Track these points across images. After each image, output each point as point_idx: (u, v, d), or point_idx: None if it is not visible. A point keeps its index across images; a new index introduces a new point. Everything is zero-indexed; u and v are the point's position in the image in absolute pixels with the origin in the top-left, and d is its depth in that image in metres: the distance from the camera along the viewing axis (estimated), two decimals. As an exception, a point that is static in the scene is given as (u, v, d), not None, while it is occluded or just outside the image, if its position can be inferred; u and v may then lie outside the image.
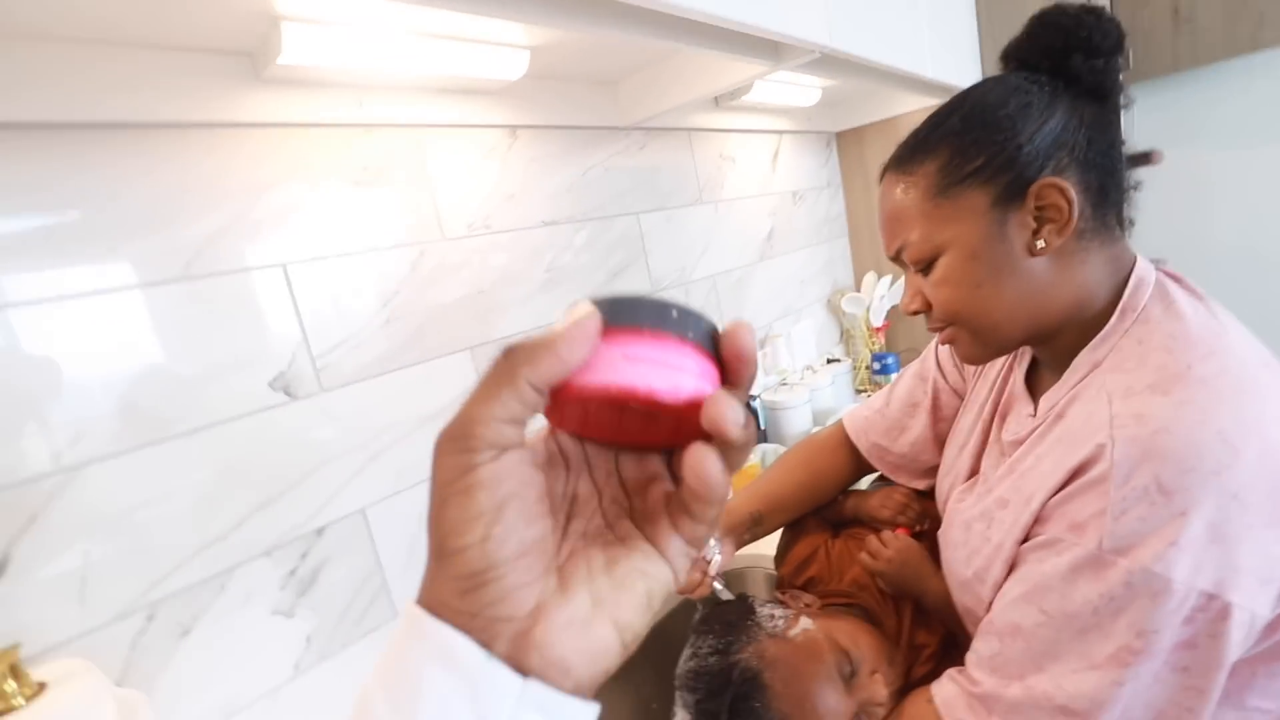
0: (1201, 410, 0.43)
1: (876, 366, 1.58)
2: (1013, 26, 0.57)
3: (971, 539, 0.57)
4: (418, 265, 0.81)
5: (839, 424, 0.85)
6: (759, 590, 0.90)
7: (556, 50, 0.82)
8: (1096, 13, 0.54)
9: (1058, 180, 0.50)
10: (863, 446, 0.80)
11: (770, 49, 0.85)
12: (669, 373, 0.21)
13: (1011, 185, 0.51)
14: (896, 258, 0.58)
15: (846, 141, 1.73)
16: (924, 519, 0.74)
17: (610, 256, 1.06)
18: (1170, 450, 0.43)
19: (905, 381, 0.80)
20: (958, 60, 1.41)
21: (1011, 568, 0.52)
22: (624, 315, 0.21)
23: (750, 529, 0.77)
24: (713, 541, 0.65)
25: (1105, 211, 0.53)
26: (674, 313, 0.22)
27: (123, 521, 0.59)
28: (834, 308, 1.71)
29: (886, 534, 0.70)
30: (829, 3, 0.83)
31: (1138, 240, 0.58)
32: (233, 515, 0.65)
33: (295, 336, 0.70)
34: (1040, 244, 0.51)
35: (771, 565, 0.82)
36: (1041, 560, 0.48)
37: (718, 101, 1.27)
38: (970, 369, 0.72)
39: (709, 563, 0.65)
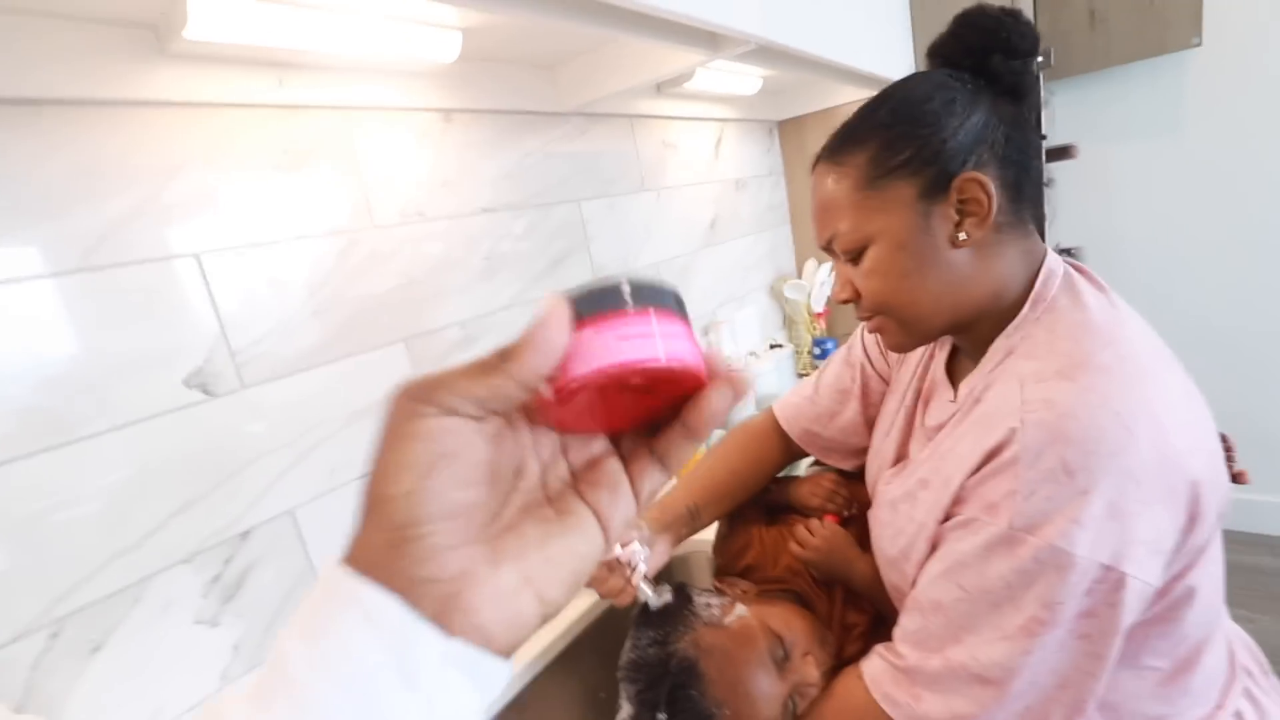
0: (1102, 395, 0.47)
1: (817, 352, 1.63)
2: (942, 24, 0.59)
3: (897, 519, 0.59)
4: (347, 254, 0.77)
5: (769, 411, 0.87)
6: (704, 576, 0.92)
7: (492, 32, 0.80)
8: (1015, 15, 0.56)
9: (978, 175, 0.53)
10: (794, 433, 0.82)
11: (707, 39, 0.85)
12: (667, 341, 0.23)
13: (937, 178, 0.53)
14: (828, 247, 0.60)
15: (788, 130, 1.75)
16: (851, 504, 0.77)
17: (551, 244, 1.05)
18: (1074, 433, 0.46)
19: (833, 368, 0.82)
20: (891, 54, 1.44)
21: (934, 546, 0.55)
22: (604, 302, 0.23)
23: (688, 523, 0.77)
24: (637, 545, 0.66)
25: (1021, 206, 0.56)
26: (646, 287, 0.24)
27: (21, 533, 0.54)
28: (776, 294, 1.74)
29: (814, 522, 0.72)
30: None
31: (1058, 229, 0.62)
32: (147, 521, 0.62)
33: (212, 330, 0.66)
34: (962, 236, 0.54)
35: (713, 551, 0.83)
36: (960, 539, 0.51)
37: (659, 88, 1.26)
38: (894, 356, 0.75)
39: (632, 569, 0.65)
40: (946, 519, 0.53)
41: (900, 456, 0.67)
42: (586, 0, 0.65)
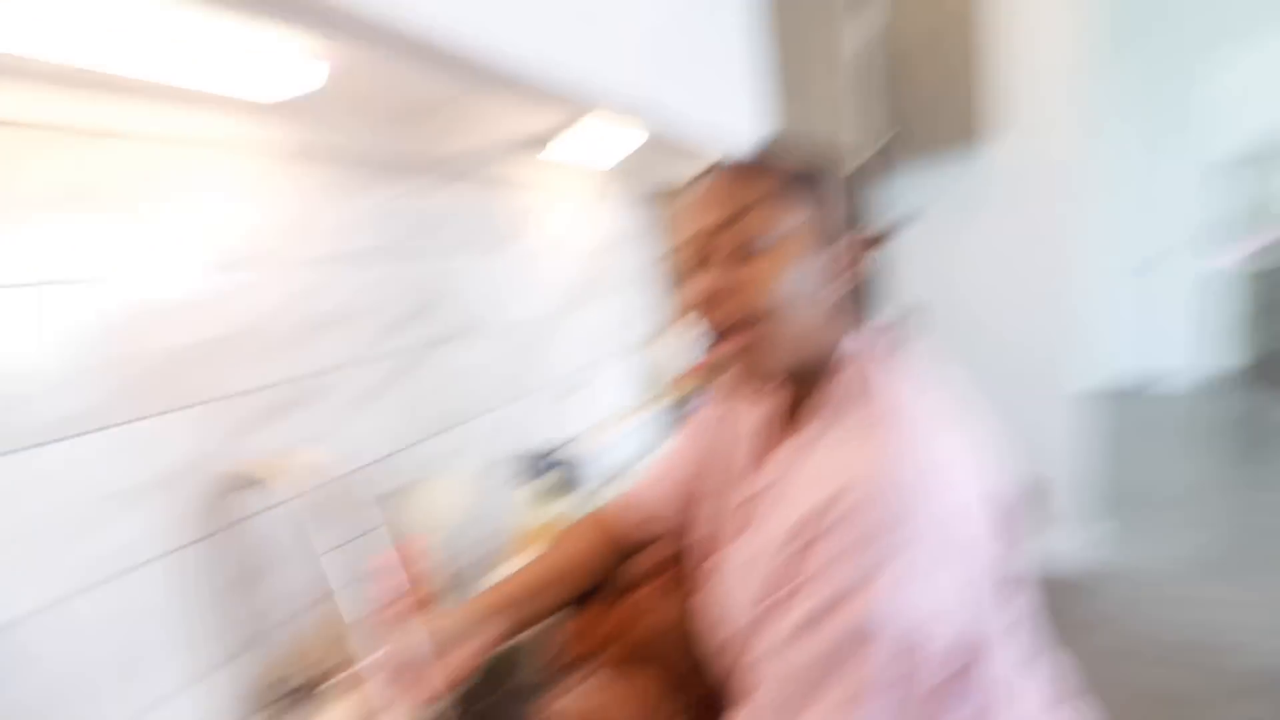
0: (897, 455, 0.50)
1: (680, 415, 1.65)
2: (794, 121, 0.65)
3: (728, 597, 0.59)
4: (144, 302, 0.66)
5: (604, 507, 0.87)
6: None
7: (347, 76, 0.74)
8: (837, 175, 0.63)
9: (855, 242, 0.59)
10: (620, 527, 0.82)
11: (572, 105, 0.85)
12: None
13: (832, 226, 0.58)
14: (727, 225, 0.57)
15: (662, 198, 1.81)
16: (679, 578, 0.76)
17: (401, 301, 0.97)
18: (878, 495, 0.48)
19: (658, 459, 0.84)
20: (750, 135, 1.55)
21: (759, 626, 0.54)
22: None
23: (501, 625, 0.71)
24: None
25: (859, 287, 0.62)
26: None
27: None
28: (645, 355, 1.75)
29: (645, 594, 0.70)
30: (623, 61, 0.85)
31: (898, 292, 0.67)
32: None
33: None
34: (837, 285, 0.58)
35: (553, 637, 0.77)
36: (799, 605, 0.51)
37: (526, 148, 1.25)
38: (707, 442, 0.76)
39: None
40: (767, 598, 0.53)
41: (720, 539, 0.67)
42: (443, 54, 0.62)
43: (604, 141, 1.28)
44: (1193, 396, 4.00)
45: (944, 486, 0.49)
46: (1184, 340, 4.10)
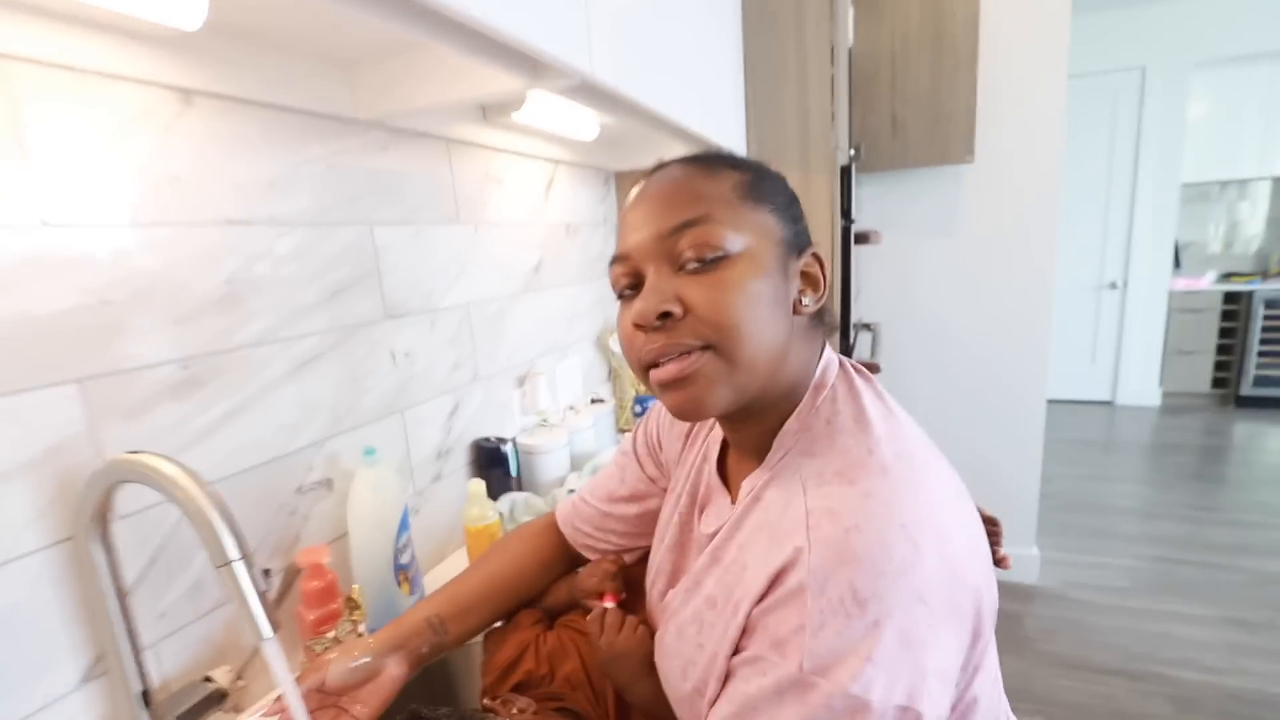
0: (885, 503, 0.43)
1: (639, 409, 1.58)
2: (771, 114, 0.61)
3: (685, 647, 0.51)
4: (20, 256, 0.55)
5: (551, 512, 0.81)
6: (472, 695, 0.77)
7: (271, 8, 0.64)
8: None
9: (820, 255, 0.52)
10: (569, 533, 0.76)
11: (526, 63, 0.76)
12: None
13: (796, 236, 0.51)
14: (675, 233, 0.48)
15: (625, 182, 1.73)
16: (632, 583, 0.69)
17: (329, 272, 0.87)
18: (862, 552, 0.41)
19: (607, 471, 0.77)
20: (725, 126, 1.48)
21: (726, 679, 0.47)
22: None
23: (431, 640, 0.65)
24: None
25: (826, 306, 0.55)
26: None
27: None
28: (602, 347, 1.68)
29: (611, 616, 0.62)
30: (591, 30, 0.77)
31: (860, 306, 0.61)
32: None
33: None
34: (806, 302, 0.51)
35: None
36: (747, 679, 0.44)
37: (486, 114, 1.16)
38: (671, 454, 0.69)
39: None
40: (737, 651, 0.46)
41: (678, 568, 0.61)
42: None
43: (573, 113, 1.19)
44: (1153, 414, 4.10)
45: (938, 539, 0.43)
46: (1148, 359, 4.20)
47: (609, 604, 0.64)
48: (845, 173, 1.56)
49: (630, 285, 0.52)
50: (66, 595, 0.60)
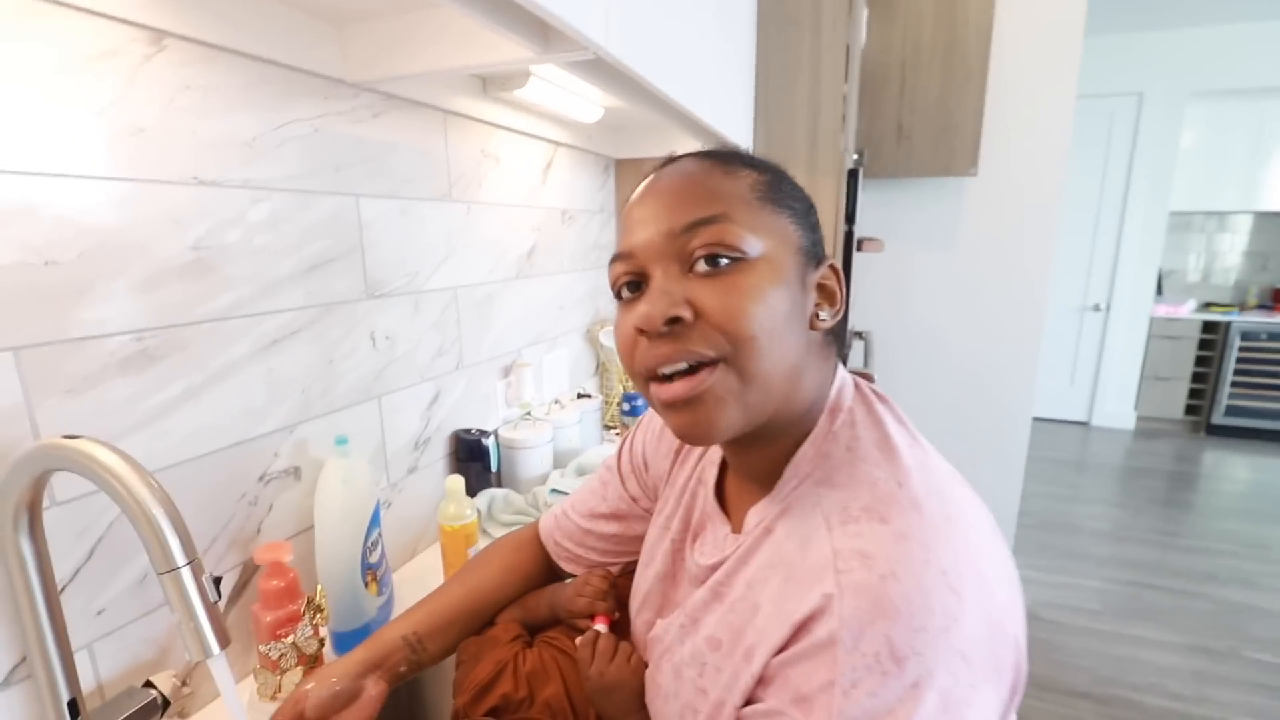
0: (923, 545, 0.39)
1: (626, 407, 1.53)
2: (782, 112, 0.56)
3: (684, 689, 0.46)
4: None
5: (535, 521, 0.76)
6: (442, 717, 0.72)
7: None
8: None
9: (838, 266, 0.47)
10: (550, 546, 0.72)
11: (539, 31, 0.70)
12: None
13: (814, 245, 0.47)
14: (687, 231, 0.43)
15: (626, 170, 1.67)
16: (623, 605, 0.65)
17: (307, 244, 0.80)
18: (900, 603, 0.37)
19: (590, 485, 0.73)
20: (734, 120, 1.43)
21: None
22: None
23: (408, 658, 0.61)
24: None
25: (843, 322, 0.51)
26: None
27: None
28: (592, 339, 1.62)
29: (604, 642, 0.57)
30: (609, 3, 0.71)
31: (856, 314, 0.57)
32: None
33: None
34: (822, 317, 0.47)
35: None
36: None
37: (486, 87, 1.09)
38: (658, 473, 0.65)
39: None
40: (749, 701, 0.41)
41: (667, 598, 0.56)
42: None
43: (578, 93, 1.13)
44: (1127, 437, 4.16)
45: (980, 588, 0.39)
46: (1125, 383, 4.25)
47: (601, 627, 0.59)
48: (852, 177, 1.51)
49: (631, 285, 0.46)
50: (-11, 589, 0.53)
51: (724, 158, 0.48)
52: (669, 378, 0.44)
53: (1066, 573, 2.51)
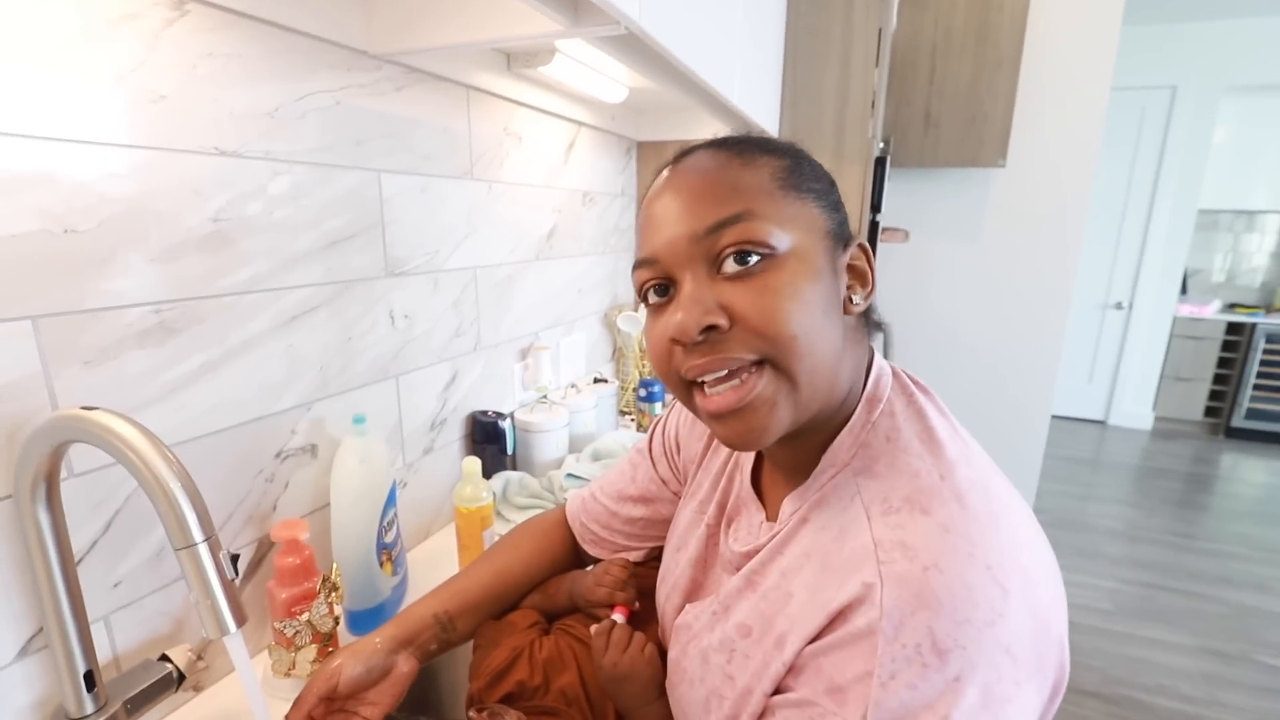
0: (967, 539, 0.37)
1: (643, 393, 1.51)
2: (810, 95, 0.54)
3: (711, 676, 0.45)
4: None
5: (562, 505, 0.76)
6: (456, 701, 0.72)
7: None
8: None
9: (866, 245, 0.45)
10: (576, 528, 0.72)
11: (569, 3, 0.68)
12: None
13: (841, 225, 0.45)
14: (712, 232, 0.41)
15: (647, 153, 1.65)
16: (643, 595, 0.64)
17: (328, 218, 0.79)
18: (944, 595, 0.35)
19: (619, 468, 0.72)
20: (760, 102, 1.40)
21: (762, 717, 0.42)
22: None
23: (438, 635, 0.61)
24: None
25: (873, 303, 0.49)
26: None
27: None
28: (609, 324, 1.60)
29: (637, 636, 0.56)
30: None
31: (879, 304, 0.55)
32: None
33: None
34: (856, 300, 0.44)
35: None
36: None
37: (510, 64, 1.07)
38: (690, 455, 0.63)
39: None
40: (778, 690, 0.40)
41: (697, 584, 0.55)
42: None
43: (604, 70, 1.11)
44: (1144, 437, 4.10)
45: (1025, 584, 0.37)
46: (1144, 383, 4.19)
47: (619, 617, 0.58)
48: (880, 164, 1.48)
49: (659, 289, 0.45)
50: (5, 557, 0.53)
51: (740, 146, 0.45)
52: (712, 385, 0.42)
53: (1080, 572, 2.48)
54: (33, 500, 0.49)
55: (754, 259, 0.41)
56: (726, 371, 0.41)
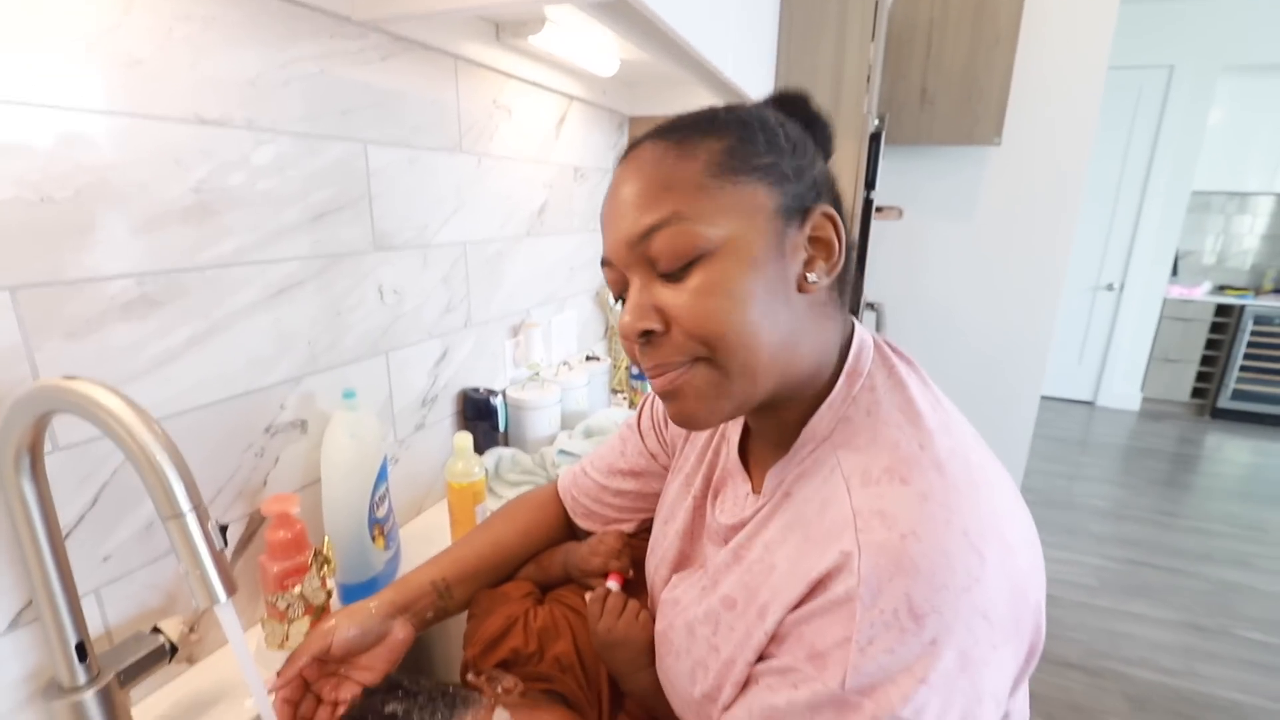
0: (944, 506, 0.38)
1: (635, 371, 1.51)
2: (803, 68, 0.53)
3: (696, 648, 0.46)
4: None
5: (554, 481, 0.77)
6: (450, 668, 0.73)
7: None
8: (827, 117, 0.50)
9: (833, 212, 0.43)
10: (567, 502, 0.73)
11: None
12: None
13: (796, 198, 0.42)
14: (642, 240, 0.42)
15: (639, 129, 1.62)
16: (636, 565, 0.65)
17: (313, 190, 0.78)
18: (921, 561, 0.36)
19: (610, 443, 0.73)
20: (754, 75, 1.38)
21: (746, 685, 0.42)
22: None
23: (435, 602, 0.61)
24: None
25: (845, 271, 0.47)
26: None
27: None
28: (601, 302, 1.60)
29: (631, 602, 0.57)
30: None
31: (871, 282, 0.54)
32: None
33: None
34: (812, 278, 0.43)
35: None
36: (774, 689, 0.39)
37: (499, 33, 1.05)
38: (677, 430, 0.64)
39: None
40: (761, 658, 0.41)
41: (685, 555, 0.56)
42: None
43: (595, 40, 1.08)
44: (1131, 418, 4.15)
45: (1003, 551, 0.38)
46: (1133, 364, 4.22)
47: (613, 584, 0.59)
48: (874, 140, 1.47)
49: (621, 290, 0.46)
50: (-7, 531, 0.53)
51: (681, 134, 0.44)
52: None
53: (1065, 549, 2.52)
54: (16, 472, 0.48)
55: (685, 262, 0.41)
56: (675, 365, 0.44)
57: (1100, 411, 4.26)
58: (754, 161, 0.42)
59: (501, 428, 1.14)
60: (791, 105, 0.49)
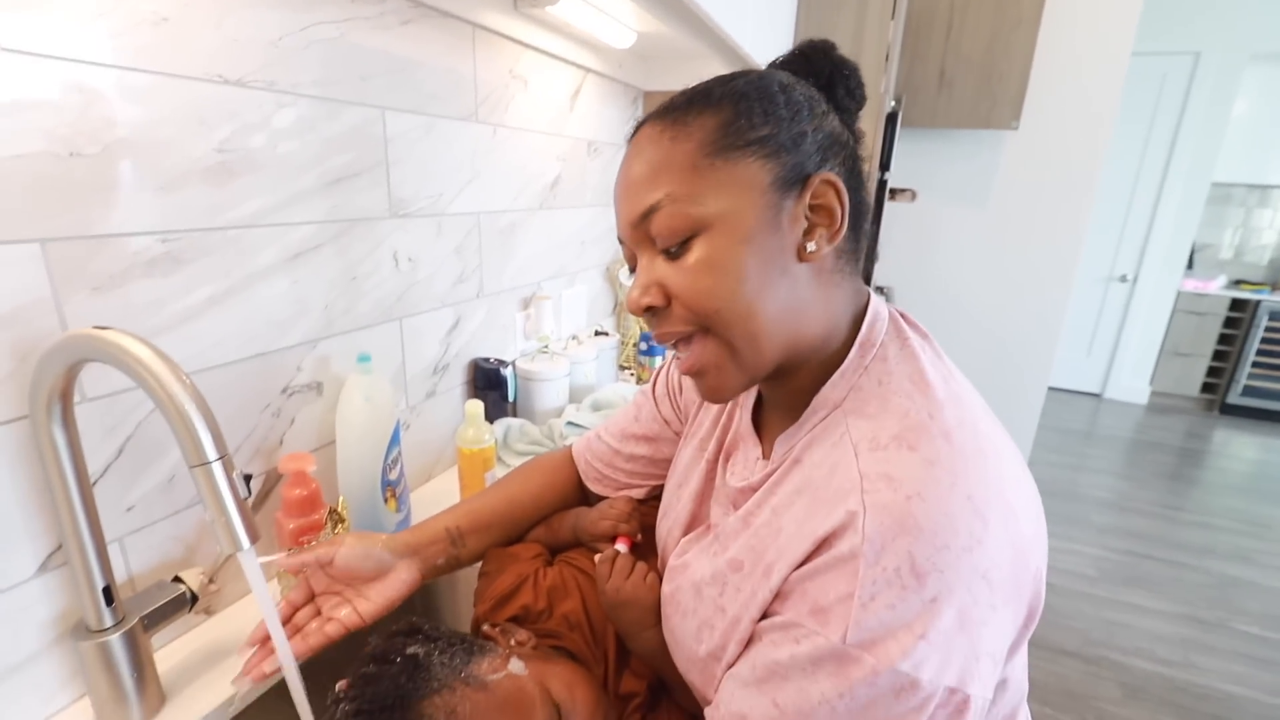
0: (950, 471, 0.39)
1: (644, 347, 1.52)
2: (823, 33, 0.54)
3: (703, 608, 0.47)
4: None
5: (569, 446, 0.78)
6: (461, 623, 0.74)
7: None
8: (855, 65, 0.51)
9: (835, 178, 0.43)
10: (581, 466, 0.74)
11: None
12: None
13: (794, 169, 0.43)
14: (642, 221, 0.44)
15: (654, 103, 1.61)
16: (645, 529, 0.66)
17: (332, 154, 0.78)
18: (924, 522, 0.37)
19: (625, 409, 0.74)
20: (773, 51, 1.36)
21: (750, 642, 0.44)
22: None
23: (447, 549, 0.63)
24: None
25: (858, 236, 0.48)
26: None
27: None
28: (611, 277, 1.60)
29: (622, 561, 0.58)
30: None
31: (881, 266, 0.55)
32: None
33: None
34: (811, 247, 0.44)
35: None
36: (777, 644, 0.40)
37: (517, 2, 1.04)
38: (691, 396, 0.65)
39: None
40: (765, 616, 0.42)
41: (696, 518, 0.57)
42: None
43: (613, 10, 1.08)
44: (1139, 411, 4.13)
45: (1006, 516, 0.39)
46: (1143, 357, 4.19)
47: (622, 546, 0.60)
48: (890, 122, 1.45)
49: (634, 265, 0.49)
50: (23, 476, 0.54)
51: (677, 113, 0.44)
52: (674, 349, 0.48)
53: (1066, 539, 2.54)
54: (48, 419, 0.50)
55: (680, 239, 0.43)
56: (675, 340, 0.47)
57: (1107, 404, 4.24)
58: (748, 136, 0.42)
59: (511, 398, 1.15)
60: (813, 59, 0.49)
